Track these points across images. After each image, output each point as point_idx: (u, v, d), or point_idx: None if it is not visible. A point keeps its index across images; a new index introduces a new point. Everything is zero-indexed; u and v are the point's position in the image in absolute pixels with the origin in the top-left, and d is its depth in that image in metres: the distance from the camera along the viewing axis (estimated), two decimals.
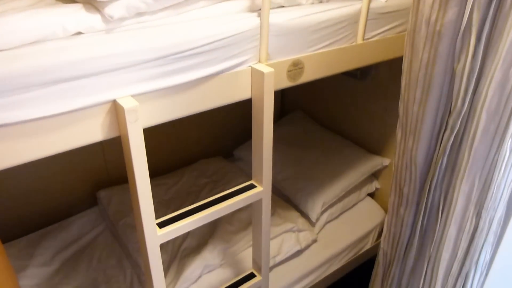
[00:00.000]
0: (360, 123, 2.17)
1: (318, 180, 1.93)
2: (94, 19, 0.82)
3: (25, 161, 0.79)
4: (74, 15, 0.80)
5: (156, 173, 2.12)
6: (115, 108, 0.86)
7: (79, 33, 0.82)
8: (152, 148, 2.08)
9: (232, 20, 0.98)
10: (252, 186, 1.21)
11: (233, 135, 2.44)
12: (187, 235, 1.70)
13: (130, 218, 1.71)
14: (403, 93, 1.08)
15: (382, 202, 2.12)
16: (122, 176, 2.06)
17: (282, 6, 1.11)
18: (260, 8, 1.01)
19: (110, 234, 1.77)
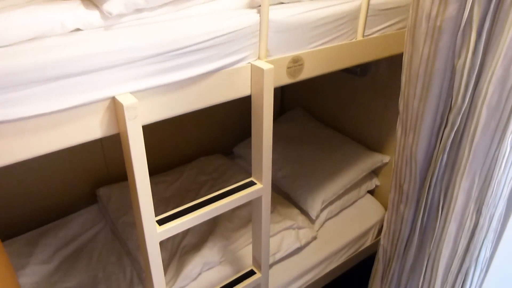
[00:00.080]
0: (360, 120, 2.16)
1: (318, 177, 1.93)
2: (93, 16, 0.81)
3: (24, 158, 0.79)
4: (73, 12, 0.80)
5: (155, 170, 2.12)
6: (114, 105, 0.86)
7: (78, 29, 0.81)
8: (152, 146, 2.08)
9: (231, 16, 0.98)
10: (252, 183, 1.21)
11: (232, 133, 2.44)
12: (187, 232, 1.70)
13: (129, 216, 1.71)
14: (403, 89, 1.07)
15: (382, 199, 2.12)
16: (121, 173, 2.06)
17: (282, 3, 1.10)
18: (259, 5, 1.00)
19: (110, 232, 1.77)
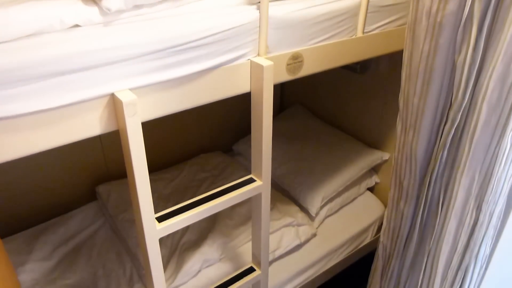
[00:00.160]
0: (359, 117, 2.16)
1: (318, 174, 1.93)
2: (92, 12, 0.81)
3: (23, 155, 0.78)
4: (72, 8, 0.79)
5: (155, 167, 2.12)
6: (114, 102, 0.85)
7: (77, 25, 0.81)
8: (151, 143, 2.07)
9: (231, 13, 0.97)
10: (251, 180, 1.21)
11: (232, 130, 2.44)
12: (187, 229, 1.70)
13: (129, 213, 1.71)
14: (403, 86, 1.07)
15: (381, 196, 2.12)
16: (121, 170, 2.06)
17: None
18: (259, 1, 1.00)
19: (109, 229, 1.77)
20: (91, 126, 0.85)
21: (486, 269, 1.12)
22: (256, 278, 1.38)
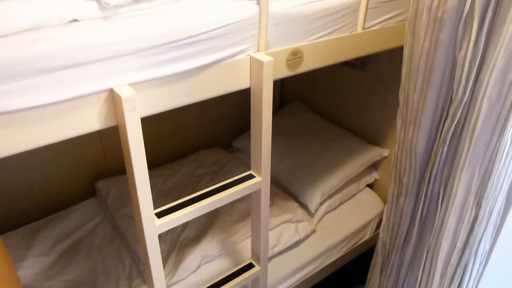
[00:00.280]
0: (359, 113, 2.16)
1: (317, 170, 1.93)
2: (90, 6, 0.80)
3: (21, 150, 0.78)
4: (70, 2, 0.79)
5: (155, 163, 2.12)
6: (112, 97, 0.85)
7: (75, 20, 0.80)
8: (151, 139, 2.07)
9: (231, 8, 0.96)
10: (251, 176, 1.21)
11: (232, 126, 2.44)
12: (186, 225, 1.70)
13: (128, 209, 1.71)
14: (403, 81, 1.07)
15: (381, 193, 2.12)
16: (120, 166, 2.06)
17: None
18: None
19: (108, 225, 1.77)
20: (90, 121, 0.85)
21: (485, 265, 1.13)
22: (256, 274, 1.38)
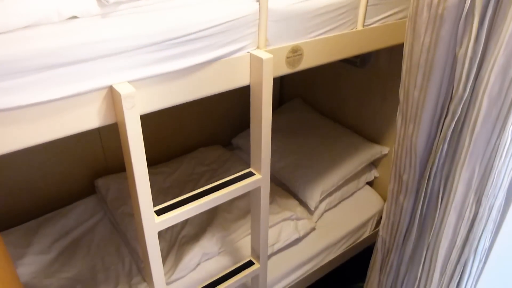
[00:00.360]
0: (359, 111, 2.16)
1: (317, 168, 1.93)
2: (90, 3, 0.80)
3: (20, 147, 0.78)
4: None
5: (154, 161, 2.12)
6: (112, 94, 0.85)
7: (74, 17, 0.80)
8: (150, 136, 2.07)
9: (230, 5, 0.96)
10: (250, 174, 1.20)
11: (231, 124, 2.43)
12: (186, 223, 1.69)
13: (128, 206, 1.71)
14: (403, 78, 1.07)
15: (381, 190, 2.12)
16: (120, 164, 2.06)
17: None
18: None
19: (108, 222, 1.77)
20: (89, 118, 0.84)
21: (485, 263, 1.12)
22: (255, 271, 1.38)
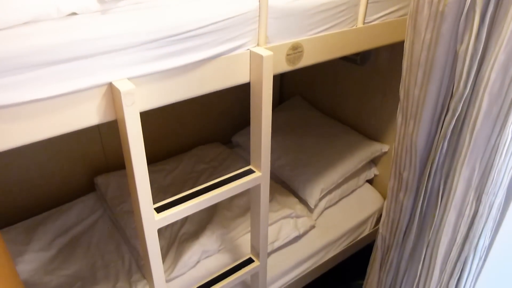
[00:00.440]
0: (359, 109, 2.15)
1: (317, 166, 1.93)
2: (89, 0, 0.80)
3: (20, 144, 0.78)
4: None
5: (154, 159, 2.12)
6: (111, 91, 0.85)
7: (74, 13, 0.79)
8: (150, 134, 2.07)
9: (230, 2, 0.96)
10: (250, 172, 1.20)
11: (231, 121, 2.43)
12: (186, 220, 1.69)
13: (128, 204, 1.71)
14: (404, 76, 1.06)
15: (381, 188, 2.12)
16: (120, 161, 2.06)
17: None
18: None
19: (108, 220, 1.77)
20: (89, 115, 0.84)
21: (485, 260, 1.12)
22: (255, 269, 1.38)
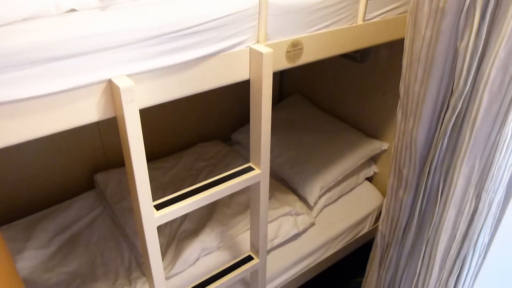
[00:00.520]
0: (359, 106, 2.15)
1: (317, 164, 1.93)
2: None
3: (19, 141, 0.78)
4: None
5: (154, 156, 2.12)
6: (111, 88, 0.84)
7: (73, 10, 0.79)
8: (150, 131, 2.07)
9: None
10: (250, 169, 1.20)
11: (231, 119, 2.43)
12: (185, 218, 1.69)
13: (127, 201, 1.71)
14: (404, 73, 1.06)
15: (380, 186, 2.12)
16: (119, 159, 2.06)
17: None
18: None
19: (107, 217, 1.77)
20: (88, 112, 0.84)
21: (484, 258, 1.13)
22: (254, 266, 1.39)
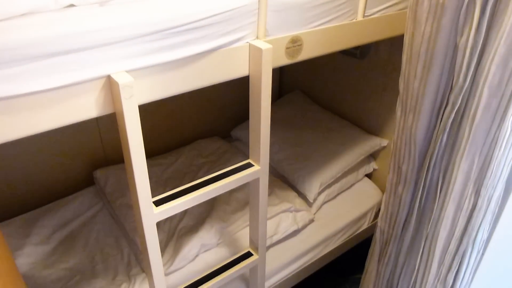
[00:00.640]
0: (359, 103, 2.15)
1: (316, 160, 1.93)
2: None
3: (17, 137, 0.77)
4: None
5: (153, 153, 2.11)
6: (110, 84, 0.84)
7: (72, 5, 0.79)
8: (149, 128, 2.06)
9: None
10: (249, 165, 1.20)
11: (230, 115, 2.43)
12: (184, 214, 1.70)
13: (127, 198, 1.71)
14: (403, 69, 1.06)
15: (379, 182, 2.12)
16: (119, 155, 2.05)
17: None
18: None
19: (107, 213, 1.77)
20: (87, 108, 0.84)
21: (483, 254, 1.13)
22: (254, 263, 1.39)
